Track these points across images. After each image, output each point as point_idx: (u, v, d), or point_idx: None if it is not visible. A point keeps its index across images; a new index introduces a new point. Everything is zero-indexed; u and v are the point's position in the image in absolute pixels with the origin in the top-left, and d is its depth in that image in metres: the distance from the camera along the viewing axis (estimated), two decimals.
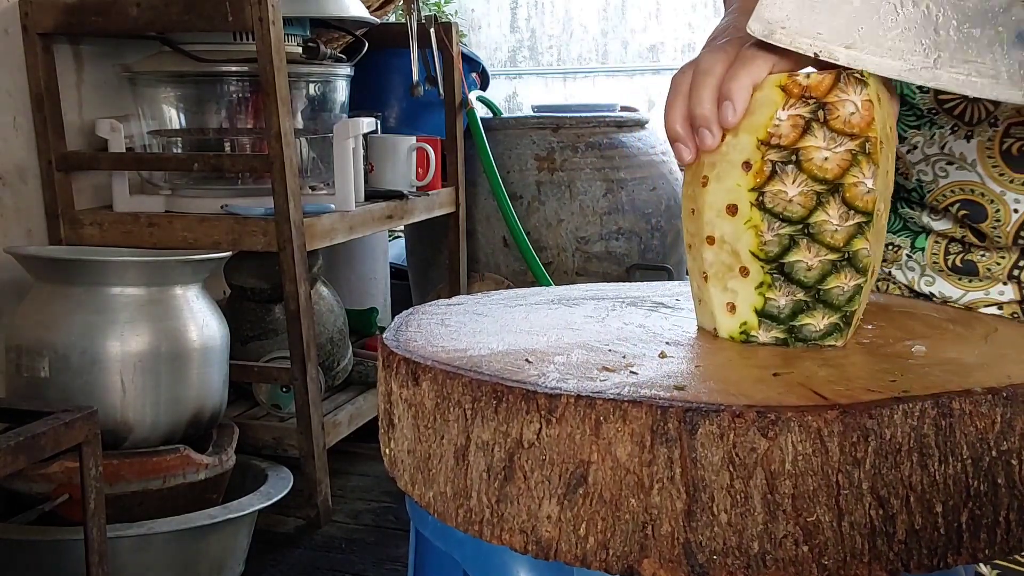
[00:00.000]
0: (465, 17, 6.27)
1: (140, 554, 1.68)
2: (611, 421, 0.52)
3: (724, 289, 0.66)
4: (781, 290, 0.64)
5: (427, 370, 0.59)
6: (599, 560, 0.53)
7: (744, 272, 0.64)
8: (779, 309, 0.64)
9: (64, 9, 2.04)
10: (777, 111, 0.62)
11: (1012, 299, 0.82)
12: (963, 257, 0.84)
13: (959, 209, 0.83)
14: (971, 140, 0.80)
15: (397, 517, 2.27)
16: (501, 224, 2.89)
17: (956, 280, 0.85)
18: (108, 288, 1.79)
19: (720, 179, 0.64)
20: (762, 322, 0.65)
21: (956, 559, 0.53)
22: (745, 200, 0.63)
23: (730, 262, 0.65)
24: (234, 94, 2.25)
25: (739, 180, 0.63)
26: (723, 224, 0.64)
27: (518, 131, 2.98)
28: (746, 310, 0.65)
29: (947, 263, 0.85)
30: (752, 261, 0.64)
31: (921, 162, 0.84)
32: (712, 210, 0.65)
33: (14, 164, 2.09)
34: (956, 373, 0.57)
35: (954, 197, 0.83)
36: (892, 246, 0.90)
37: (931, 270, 0.86)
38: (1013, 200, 0.80)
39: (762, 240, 0.63)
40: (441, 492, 0.59)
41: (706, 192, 0.65)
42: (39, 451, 1.33)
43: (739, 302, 0.65)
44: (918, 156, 0.84)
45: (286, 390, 2.32)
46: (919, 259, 0.87)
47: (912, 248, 0.88)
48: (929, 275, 0.86)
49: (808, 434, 0.50)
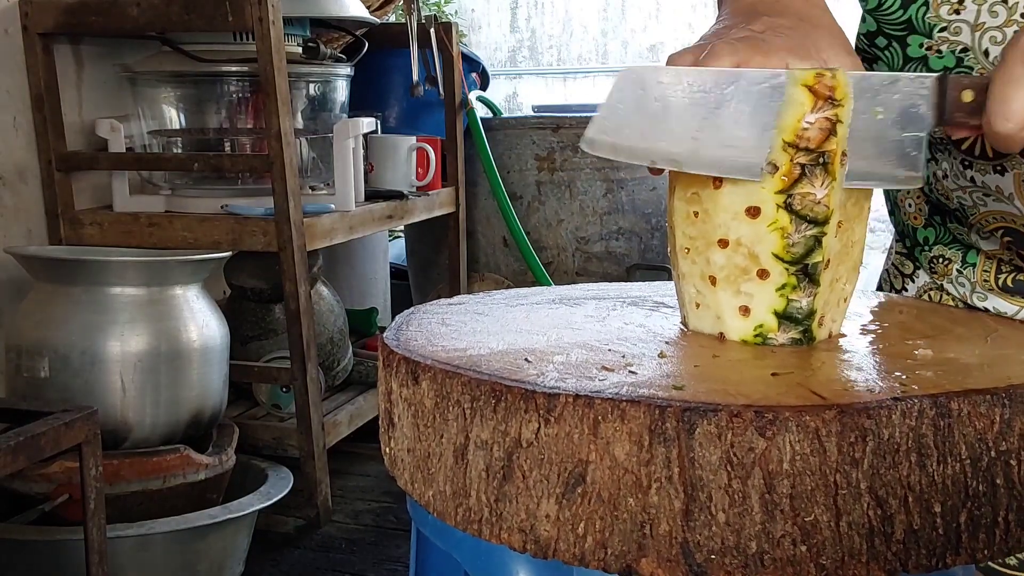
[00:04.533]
0: (465, 17, 6.27)
1: (140, 554, 1.68)
2: (609, 420, 0.52)
3: (737, 292, 0.65)
4: (804, 291, 0.64)
5: (427, 369, 0.59)
6: (597, 559, 0.53)
7: (763, 275, 0.64)
8: (800, 310, 0.64)
9: (64, 9, 2.04)
10: (806, 114, 0.61)
11: None
12: (1014, 277, 0.83)
13: (1004, 235, 0.81)
14: (1006, 174, 0.78)
15: (397, 517, 2.27)
16: (501, 224, 2.89)
17: (1010, 298, 0.83)
18: (108, 288, 1.79)
19: (737, 181, 0.63)
20: (782, 324, 0.65)
21: (955, 559, 0.53)
22: (770, 202, 0.62)
23: (745, 265, 0.64)
24: (234, 94, 2.25)
25: (762, 182, 0.62)
26: (740, 227, 0.63)
27: (518, 131, 2.98)
28: (763, 312, 0.65)
29: (998, 283, 0.84)
30: (775, 263, 0.63)
31: (957, 190, 0.82)
32: (727, 213, 0.63)
33: (14, 164, 2.09)
34: (955, 373, 0.57)
35: (997, 224, 0.81)
36: (943, 259, 0.88)
37: (982, 288, 0.85)
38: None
39: (789, 242, 0.62)
40: (440, 491, 0.59)
41: (719, 194, 0.64)
42: (39, 451, 1.33)
43: (754, 304, 0.65)
44: (952, 184, 0.82)
45: (286, 390, 2.32)
46: (970, 275, 0.86)
47: (963, 263, 0.86)
48: (981, 292, 0.85)
49: (806, 434, 0.50)
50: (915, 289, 0.92)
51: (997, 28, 0.74)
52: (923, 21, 0.77)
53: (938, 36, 0.77)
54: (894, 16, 0.79)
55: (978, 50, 0.75)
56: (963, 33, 0.75)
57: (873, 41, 0.83)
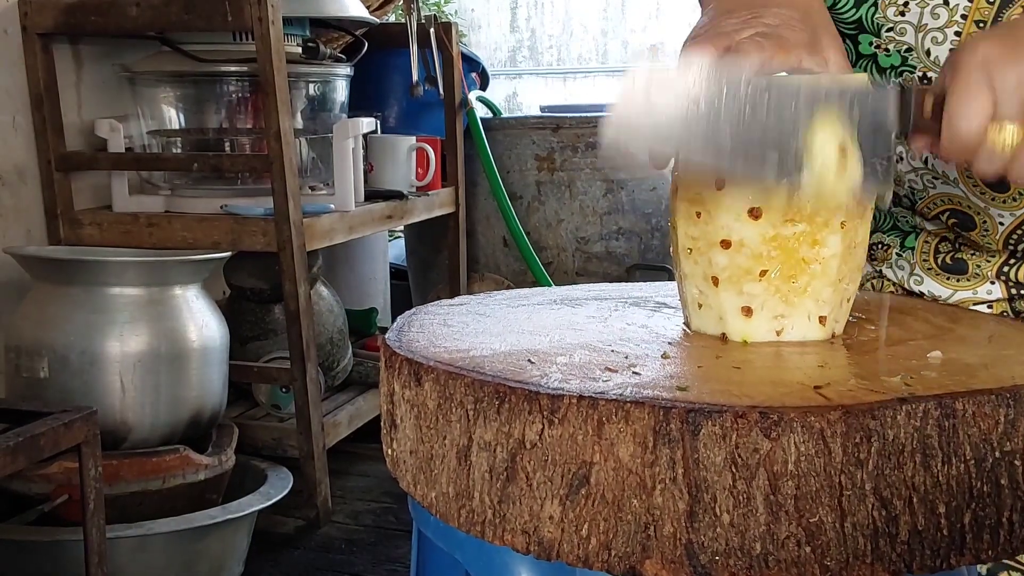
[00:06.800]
0: (465, 17, 6.27)
1: (140, 554, 1.68)
2: (614, 422, 0.52)
3: (740, 293, 0.65)
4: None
5: (429, 370, 0.59)
6: (601, 561, 0.53)
7: (764, 275, 0.64)
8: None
9: (64, 9, 2.04)
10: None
11: (1000, 297, 0.82)
12: (953, 255, 0.85)
13: (949, 217, 0.84)
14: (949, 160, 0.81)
15: (397, 517, 2.27)
16: (501, 224, 2.89)
17: (945, 280, 0.85)
18: (107, 288, 1.79)
19: (739, 183, 0.63)
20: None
21: (959, 560, 0.53)
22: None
23: (748, 265, 0.64)
24: (234, 94, 2.25)
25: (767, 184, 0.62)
26: (743, 228, 0.64)
27: (518, 131, 2.98)
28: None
29: (937, 261, 0.86)
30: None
31: (910, 172, 0.84)
32: (730, 214, 0.64)
33: (13, 164, 2.08)
34: (959, 374, 0.57)
35: (943, 207, 0.84)
36: (882, 245, 0.90)
37: (920, 269, 0.87)
38: (997, 214, 0.80)
39: None
40: (443, 493, 0.59)
41: (722, 195, 0.64)
42: (38, 451, 1.32)
43: (756, 305, 0.65)
44: (906, 167, 0.85)
45: (286, 390, 2.32)
46: (908, 258, 0.88)
47: (902, 247, 0.89)
48: (918, 274, 0.87)
49: (811, 435, 0.50)
50: None
51: (938, 29, 0.78)
52: (872, 21, 0.81)
53: (885, 36, 0.81)
54: (847, 15, 0.83)
55: (920, 50, 0.79)
56: (907, 34, 0.79)
57: None
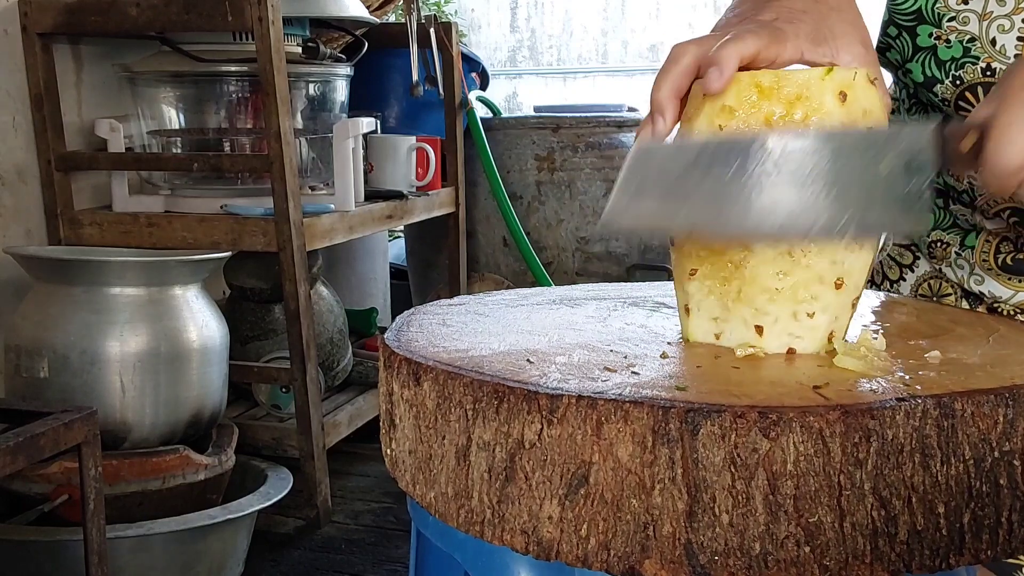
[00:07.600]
0: (465, 17, 6.27)
1: (140, 554, 1.68)
2: (613, 422, 0.52)
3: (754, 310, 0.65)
4: None
5: (428, 370, 0.59)
6: (600, 561, 0.53)
7: None
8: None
9: (64, 9, 2.04)
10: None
11: None
12: (1014, 256, 0.83)
13: (1010, 215, 0.82)
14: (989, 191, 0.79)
15: (397, 517, 2.27)
16: (501, 224, 2.89)
17: (1006, 280, 0.84)
18: (107, 288, 1.79)
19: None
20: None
21: (958, 560, 0.53)
22: None
23: None
24: (234, 94, 2.25)
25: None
26: None
27: (518, 131, 2.98)
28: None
29: (997, 262, 0.84)
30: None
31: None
32: None
33: (13, 164, 2.08)
34: (958, 373, 0.57)
35: (1004, 204, 0.82)
36: (941, 243, 0.88)
37: (980, 269, 0.85)
38: None
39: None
40: (442, 492, 0.59)
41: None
42: (38, 451, 1.32)
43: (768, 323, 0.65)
44: None
45: (286, 390, 2.32)
46: (968, 257, 0.86)
47: (961, 246, 0.87)
48: (979, 274, 0.85)
49: (810, 435, 0.50)
50: (913, 278, 0.92)
51: (1005, 16, 0.75)
52: (932, 10, 0.79)
53: (947, 25, 0.78)
54: (906, 5, 0.80)
55: (985, 39, 0.76)
56: (971, 23, 0.77)
57: (886, 30, 0.84)
